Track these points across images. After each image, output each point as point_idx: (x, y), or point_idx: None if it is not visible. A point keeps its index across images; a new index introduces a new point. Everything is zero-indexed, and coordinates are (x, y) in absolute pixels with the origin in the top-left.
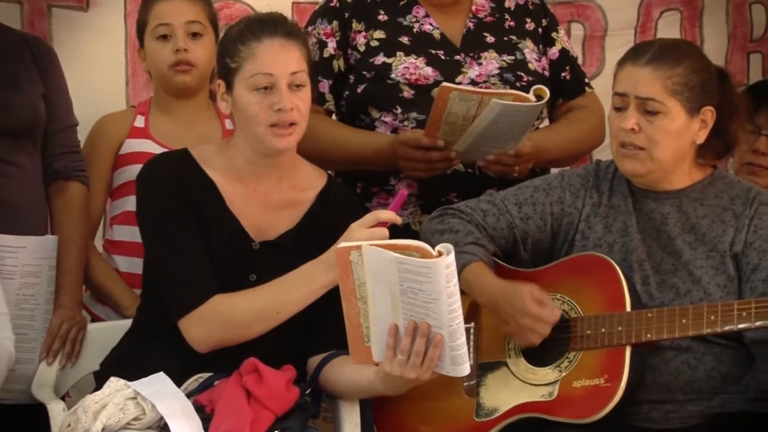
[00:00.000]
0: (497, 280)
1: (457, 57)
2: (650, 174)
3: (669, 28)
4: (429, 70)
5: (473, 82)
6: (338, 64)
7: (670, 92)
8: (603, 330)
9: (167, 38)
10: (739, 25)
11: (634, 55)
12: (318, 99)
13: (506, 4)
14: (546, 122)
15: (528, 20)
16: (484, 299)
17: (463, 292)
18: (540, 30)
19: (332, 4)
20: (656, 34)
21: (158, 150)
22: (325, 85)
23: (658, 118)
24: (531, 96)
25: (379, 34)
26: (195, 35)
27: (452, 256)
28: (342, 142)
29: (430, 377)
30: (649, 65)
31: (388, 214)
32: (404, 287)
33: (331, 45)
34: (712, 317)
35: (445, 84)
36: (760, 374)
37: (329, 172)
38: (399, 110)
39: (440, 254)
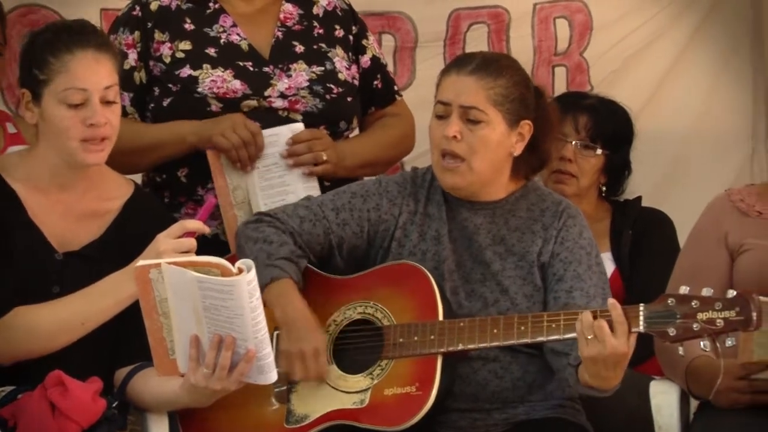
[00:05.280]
0: (303, 305)
1: (266, 69)
2: (470, 186)
3: (477, 41)
4: (237, 84)
5: (282, 95)
6: (140, 76)
7: (492, 102)
8: (415, 338)
9: None
10: (544, 39)
11: (457, 65)
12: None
13: (314, 11)
14: (356, 131)
15: (337, 27)
16: (281, 314)
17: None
18: (350, 37)
19: (134, 13)
20: (465, 47)
21: None
22: (125, 98)
23: (479, 127)
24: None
25: (185, 45)
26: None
27: (253, 272)
28: (138, 129)
29: (237, 387)
30: (472, 75)
31: (195, 224)
32: (207, 304)
33: (132, 56)
34: (522, 328)
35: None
36: (564, 383)
37: (137, 183)
38: None
39: (240, 271)
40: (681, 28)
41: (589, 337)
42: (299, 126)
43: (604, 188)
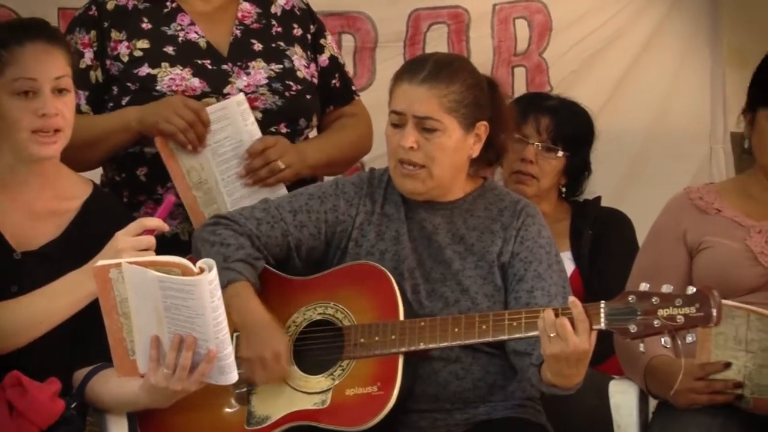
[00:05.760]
0: (261, 307)
1: (225, 67)
2: (430, 191)
3: (437, 41)
4: (196, 82)
5: (242, 92)
6: (96, 75)
7: (446, 110)
8: (376, 338)
9: None
10: (503, 39)
11: (409, 72)
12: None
13: (272, 10)
14: (315, 130)
15: (295, 26)
16: (239, 319)
17: None
18: (308, 36)
19: (90, 13)
20: (425, 47)
21: None
22: (81, 96)
23: (435, 135)
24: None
25: (142, 43)
26: None
27: (215, 271)
28: (87, 121)
29: (198, 388)
30: (424, 84)
31: (154, 222)
32: (168, 304)
33: (88, 55)
34: (484, 326)
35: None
36: (526, 382)
37: (96, 182)
38: None
39: (202, 270)
40: (640, 28)
41: (552, 335)
42: (241, 96)
43: (563, 189)
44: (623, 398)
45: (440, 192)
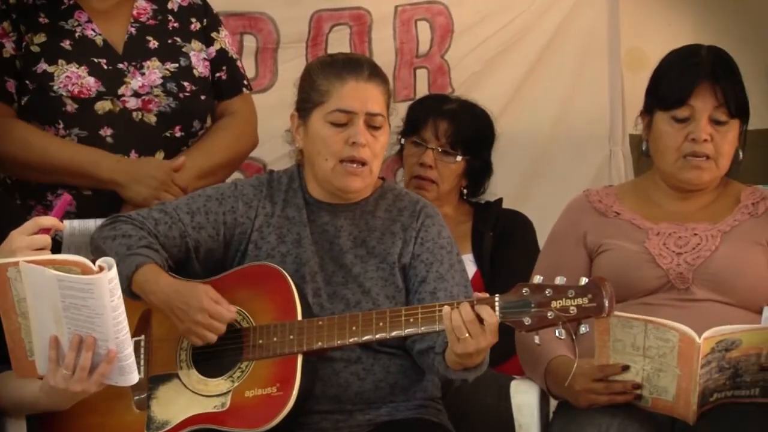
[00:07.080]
0: (171, 279)
1: (120, 66)
2: (368, 188)
3: (339, 42)
4: (91, 81)
5: (136, 94)
6: (18, 63)
7: (386, 106)
8: (275, 339)
9: None
10: (405, 41)
11: (351, 70)
12: (6, 98)
13: (169, 6)
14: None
15: (193, 20)
16: (157, 300)
17: (138, 297)
18: (203, 30)
19: None
20: (327, 48)
21: None
22: (12, 85)
23: (380, 132)
24: None
25: (39, 38)
26: None
27: (114, 270)
28: (54, 147)
29: (98, 389)
30: (372, 81)
31: (49, 221)
32: (66, 303)
33: (9, 45)
34: (381, 324)
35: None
36: (427, 383)
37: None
38: (61, 125)
39: (101, 269)
40: (540, 31)
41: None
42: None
43: (465, 190)
44: (525, 398)
45: (368, 191)
